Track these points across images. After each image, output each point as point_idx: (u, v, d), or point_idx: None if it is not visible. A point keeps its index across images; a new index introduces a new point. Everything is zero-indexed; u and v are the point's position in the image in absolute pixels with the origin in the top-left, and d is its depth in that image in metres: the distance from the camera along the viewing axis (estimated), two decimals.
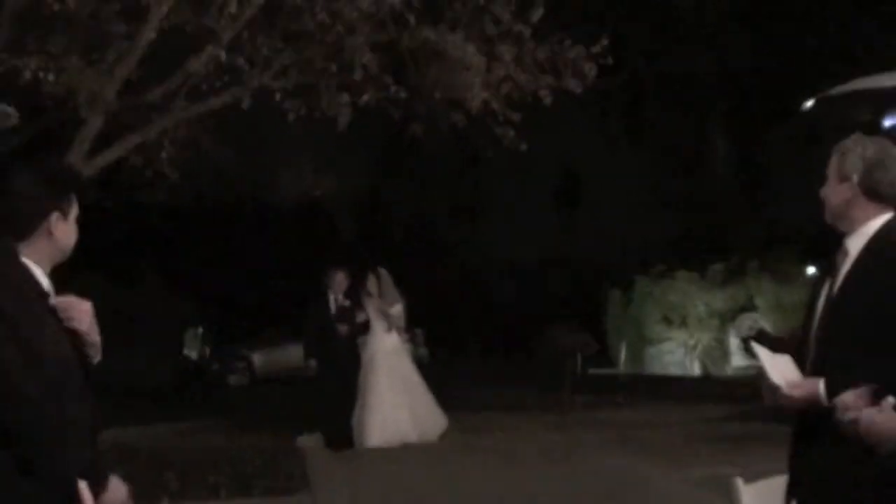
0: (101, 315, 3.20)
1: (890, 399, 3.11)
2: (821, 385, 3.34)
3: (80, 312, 3.03)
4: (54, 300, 3.01)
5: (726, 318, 24.90)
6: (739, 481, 3.76)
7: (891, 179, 3.48)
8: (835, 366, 3.35)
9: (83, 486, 2.76)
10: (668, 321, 25.47)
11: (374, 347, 12.85)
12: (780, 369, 3.48)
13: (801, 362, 3.53)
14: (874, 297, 3.30)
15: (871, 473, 3.21)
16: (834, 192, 3.53)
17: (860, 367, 3.25)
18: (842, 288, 3.45)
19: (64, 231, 3.11)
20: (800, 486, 3.53)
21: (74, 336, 2.98)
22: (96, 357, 3.08)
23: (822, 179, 3.60)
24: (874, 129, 7.30)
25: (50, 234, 3.06)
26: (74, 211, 3.16)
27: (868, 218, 3.48)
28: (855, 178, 3.46)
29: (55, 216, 3.07)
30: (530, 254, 32.66)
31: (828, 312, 3.47)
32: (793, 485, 3.55)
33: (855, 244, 3.48)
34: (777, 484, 3.71)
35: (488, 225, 33.31)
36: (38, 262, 3.01)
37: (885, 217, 3.49)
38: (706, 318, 25.07)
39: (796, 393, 3.40)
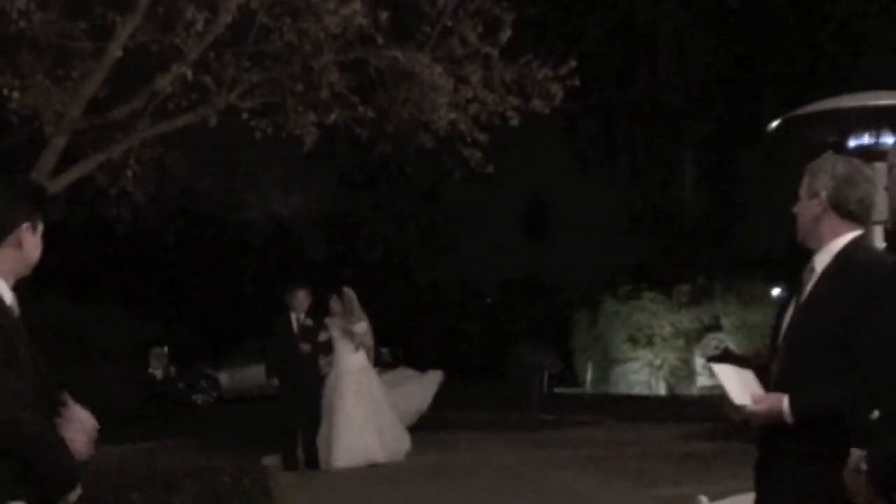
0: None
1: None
2: (785, 401, 3.36)
3: (83, 432, 3.05)
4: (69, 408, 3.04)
5: (692, 339, 25.09)
6: (704, 500, 3.79)
7: (859, 196, 3.53)
8: (799, 381, 3.37)
9: None
10: (634, 341, 25.61)
11: (341, 367, 12.80)
12: (744, 385, 3.49)
13: (768, 381, 3.56)
14: (837, 314, 3.33)
15: (837, 491, 3.23)
16: (804, 208, 3.58)
17: (823, 382, 3.29)
18: (805, 304, 3.48)
19: (31, 243, 3.13)
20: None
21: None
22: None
23: (794, 198, 3.65)
24: (839, 149, 7.41)
25: (19, 245, 3.08)
26: (41, 225, 3.17)
27: (836, 235, 3.52)
28: (824, 194, 3.51)
29: (25, 227, 3.09)
30: (498, 275, 32.84)
31: (791, 329, 3.50)
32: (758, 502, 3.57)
33: (821, 261, 3.52)
34: (741, 501, 3.75)
35: (456, 246, 33.43)
36: (3, 275, 3.02)
37: (851, 234, 3.54)
38: (672, 339, 25.24)
39: (759, 408, 3.42)
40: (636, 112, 31.57)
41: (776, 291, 25.41)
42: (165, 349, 21.97)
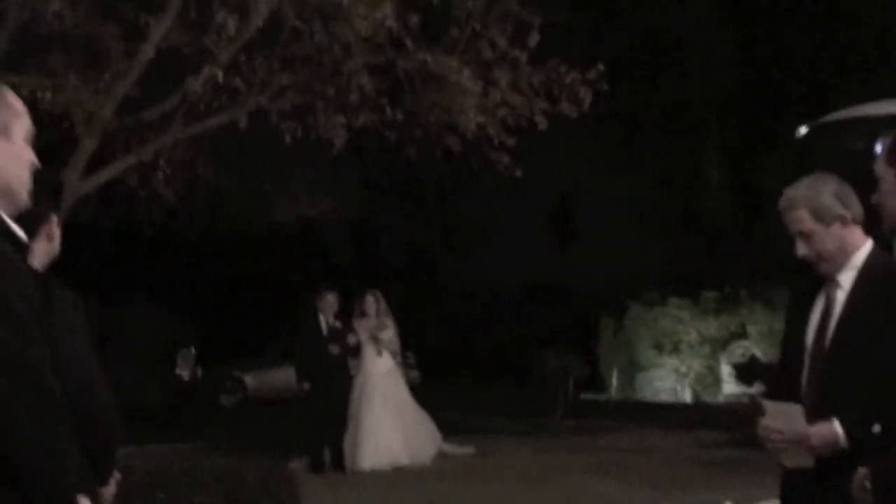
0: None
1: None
2: (837, 427, 3.29)
3: None
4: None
5: (718, 346, 24.95)
6: None
7: (857, 200, 3.53)
8: (845, 403, 3.31)
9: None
10: (659, 348, 25.50)
11: (368, 370, 12.86)
12: (790, 420, 3.41)
13: (786, 396, 3.52)
14: (880, 331, 3.28)
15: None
16: (827, 240, 3.49)
17: (869, 404, 3.22)
18: (841, 323, 3.43)
19: (57, 236, 3.22)
20: None
21: None
22: None
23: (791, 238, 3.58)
24: (868, 156, 7.37)
25: (50, 237, 3.16)
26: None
27: (856, 248, 3.50)
28: (845, 212, 3.47)
29: (54, 220, 3.17)
30: (523, 279, 32.72)
31: (830, 349, 3.43)
32: None
33: (846, 276, 3.48)
34: None
35: (481, 250, 33.37)
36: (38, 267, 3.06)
37: (868, 246, 3.51)
38: (698, 346, 25.11)
39: (814, 441, 3.33)
40: (662, 117, 31.47)
41: None
42: (193, 350, 22.04)
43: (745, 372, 16.40)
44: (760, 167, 30.55)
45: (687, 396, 24.93)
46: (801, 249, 3.53)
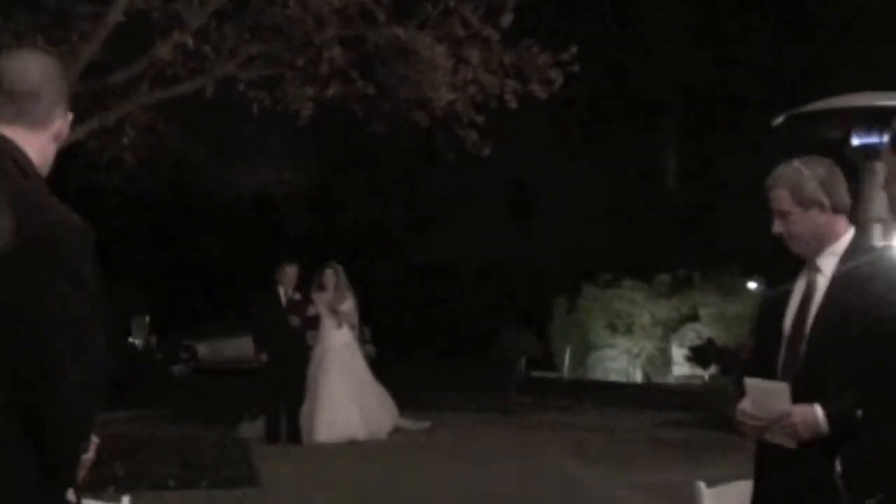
0: None
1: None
2: (818, 411, 3.31)
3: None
4: None
5: (670, 328, 25.25)
6: (702, 485, 3.75)
7: (845, 189, 3.53)
8: (824, 388, 3.33)
9: None
10: (612, 328, 25.76)
11: (326, 343, 12.84)
12: (773, 400, 3.41)
13: (764, 376, 3.55)
14: (859, 317, 3.29)
15: (836, 487, 3.24)
16: (802, 223, 3.51)
17: (851, 389, 3.21)
18: (822, 309, 3.45)
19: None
20: (766, 495, 3.54)
21: None
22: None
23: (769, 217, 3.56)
24: (843, 146, 7.53)
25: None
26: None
27: (838, 235, 3.51)
28: (825, 200, 3.48)
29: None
30: (481, 257, 32.78)
31: (811, 334, 3.45)
32: (758, 494, 3.57)
33: (826, 262, 3.50)
34: (739, 489, 3.74)
35: (441, 227, 33.37)
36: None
37: (850, 233, 3.55)
38: (650, 327, 25.39)
39: (796, 419, 3.34)
40: (622, 102, 31.63)
41: (753, 284, 25.61)
42: (147, 318, 21.89)
43: (701, 354, 16.60)
44: (717, 155, 30.86)
45: (638, 377, 25.21)
46: (777, 227, 3.56)
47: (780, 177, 3.56)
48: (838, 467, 3.00)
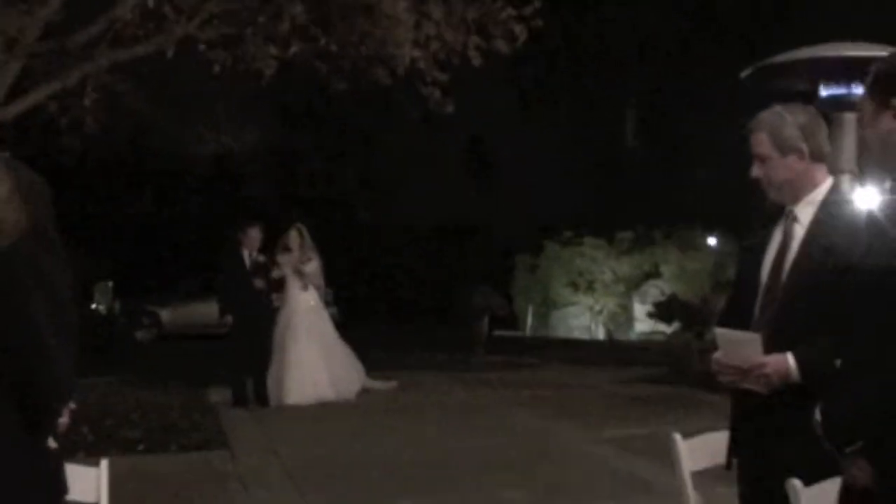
0: None
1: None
2: (790, 359, 3.33)
3: None
4: None
5: (631, 285, 25.42)
6: (678, 437, 3.75)
7: (826, 138, 3.54)
8: (799, 336, 3.34)
9: None
10: (574, 286, 25.89)
11: (292, 306, 12.78)
12: (744, 348, 3.42)
13: (740, 324, 3.57)
14: (831, 267, 3.31)
15: (814, 432, 3.26)
16: (780, 168, 3.51)
17: (825, 338, 3.21)
18: (799, 258, 3.45)
19: None
20: (742, 445, 3.56)
21: None
22: None
23: (741, 159, 3.59)
24: (811, 98, 7.60)
25: None
26: None
27: (816, 184, 3.51)
28: (803, 146, 3.48)
29: None
30: (439, 218, 32.75)
31: (786, 282, 3.45)
32: (734, 443, 3.59)
33: (804, 211, 3.50)
34: (713, 440, 3.75)
35: (398, 187, 33.27)
36: None
37: (828, 182, 3.56)
38: (612, 284, 25.55)
39: (766, 369, 3.36)
40: (581, 59, 31.58)
41: (713, 240, 25.81)
42: (110, 284, 21.70)
43: (664, 310, 16.74)
44: (677, 111, 30.96)
45: (600, 334, 25.38)
46: (755, 171, 3.56)
47: (762, 121, 3.57)
48: (818, 416, 3.02)
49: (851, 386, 2.86)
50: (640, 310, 24.36)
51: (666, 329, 18.89)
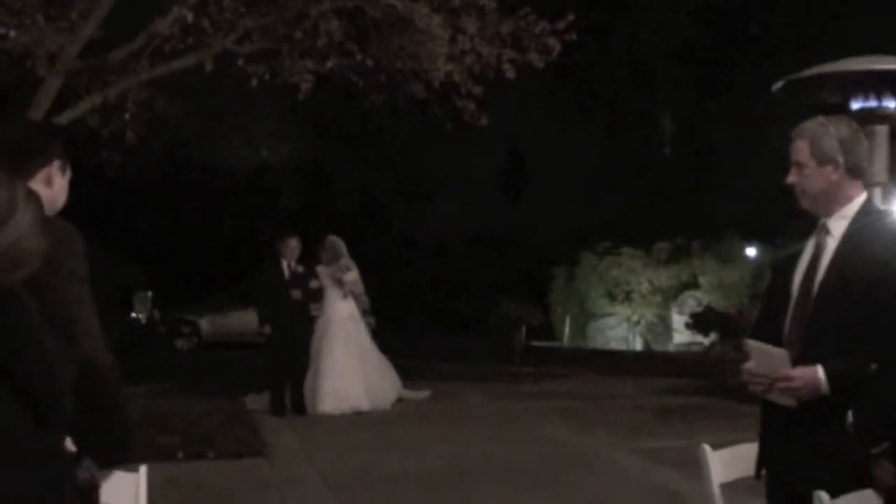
0: None
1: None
2: (820, 371, 3.34)
3: None
4: None
5: (669, 296, 25.32)
6: (707, 448, 3.77)
7: (866, 155, 3.57)
8: (830, 349, 3.35)
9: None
10: (611, 297, 25.83)
11: (329, 315, 12.91)
12: (774, 361, 3.46)
13: (767, 341, 3.61)
14: (865, 280, 3.33)
15: (842, 444, 3.30)
16: (816, 178, 3.53)
17: (856, 351, 3.26)
18: (830, 271, 3.47)
19: (61, 185, 3.03)
20: (771, 457, 3.58)
21: None
22: None
23: (782, 165, 3.60)
24: (842, 111, 7.61)
25: (48, 182, 2.96)
26: (69, 171, 3.08)
27: (850, 199, 3.53)
28: (840, 159, 3.49)
29: (57, 164, 2.99)
30: (474, 229, 32.80)
31: (817, 295, 3.47)
32: (763, 455, 3.60)
33: (837, 225, 3.51)
34: (744, 451, 3.76)
35: (435, 199, 33.38)
36: None
37: (861, 197, 3.57)
38: (650, 295, 25.45)
39: (796, 382, 3.38)
40: (616, 69, 31.56)
41: (751, 251, 25.68)
42: (149, 293, 21.95)
43: (701, 321, 16.69)
44: (712, 120, 30.83)
45: (638, 345, 25.30)
46: (791, 176, 3.59)
47: (804, 129, 3.60)
48: (850, 418, 3.06)
49: (885, 388, 2.91)
50: (677, 320, 24.28)
51: (703, 340, 18.80)
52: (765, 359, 3.51)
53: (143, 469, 3.56)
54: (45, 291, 2.53)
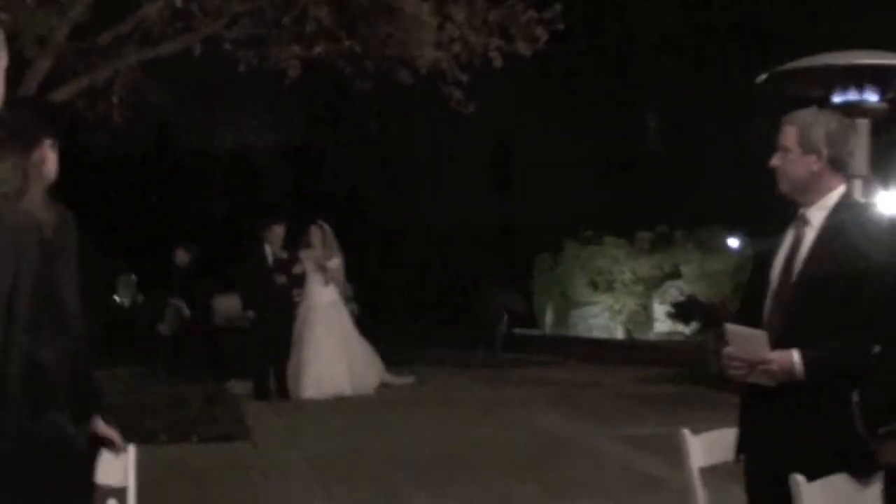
0: None
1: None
2: (796, 356, 3.43)
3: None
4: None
5: (651, 285, 25.43)
6: (686, 433, 3.83)
7: (850, 150, 3.65)
8: (808, 336, 3.44)
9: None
10: (594, 285, 25.93)
11: (311, 300, 12.96)
12: (752, 345, 3.53)
13: (750, 324, 3.67)
14: (842, 269, 3.42)
15: (821, 430, 3.36)
16: (798, 164, 3.61)
17: (832, 337, 3.37)
18: (809, 259, 3.55)
19: (52, 161, 3.13)
20: (749, 441, 3.66)
21: None
22: None
23: (771, 149, 3.66)
24: (824, 104, 7.69)
25: (42, 161, 3.05)
26: (57, 146, 3.17)
27: (829, 189, 3.61)
28: (824, 150, 3.58)
29: (48, 143, 3.09)
30: (460, 218, 32.80)
31: (798, 283, 3.55)
32: (742, 439, 3.69)
33: (815, 215, 3.60)
34: (723, 436, 3.80)
35: (420, 187, 33.35)
36: None
37: (840, 189, 3.66)
38: (632, 284, 25.56)
39: (771, 365, 3.46)
40: (602, 62, 31.60)
41: (734, 241, 25.81)
42: (133, 277, 21.90)
43: (683, 310, 16.79)
44: (698, 112, 30.93)
45: (619, 333, 25.41)
46: (775, 160, 3.67)
47: (796, 116, 3.68)
48: (855, 398, 3.14)
49: (891, 370, 2.99)
50: (659, 310, 24.37)
51: (685, 329, 18.92)
52: (744, 343, 3.59)
53: (131, 448, 3.63)
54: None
